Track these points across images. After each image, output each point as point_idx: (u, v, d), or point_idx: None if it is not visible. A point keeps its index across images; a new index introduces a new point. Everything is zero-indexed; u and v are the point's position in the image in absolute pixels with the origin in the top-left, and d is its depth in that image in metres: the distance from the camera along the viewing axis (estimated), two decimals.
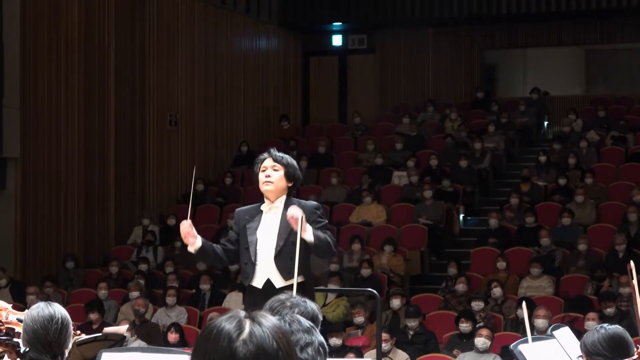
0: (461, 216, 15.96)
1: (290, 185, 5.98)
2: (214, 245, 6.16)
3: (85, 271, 15.18)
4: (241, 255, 6.05)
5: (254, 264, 5.95)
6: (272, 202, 5.98)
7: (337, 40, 21.26)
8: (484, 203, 16.65)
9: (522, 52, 21.01)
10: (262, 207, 6.00)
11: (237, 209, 6.23)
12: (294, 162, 6.04)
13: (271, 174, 5.90)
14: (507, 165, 17.74)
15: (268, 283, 5.92)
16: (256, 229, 5.97)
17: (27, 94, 14.83)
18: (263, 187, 5.95)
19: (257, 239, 5.96)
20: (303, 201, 6.08)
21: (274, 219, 5.94)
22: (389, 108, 20.66)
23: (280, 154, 6.00)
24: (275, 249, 5.90)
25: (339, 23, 20.81)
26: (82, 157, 15.65)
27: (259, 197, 6.12)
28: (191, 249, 6.01)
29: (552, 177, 15.94)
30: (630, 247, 13.41)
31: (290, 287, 5.55)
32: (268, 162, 5.95)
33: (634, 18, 19.18)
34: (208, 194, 17.13)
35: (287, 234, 5.86)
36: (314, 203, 6.08)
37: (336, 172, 16.96)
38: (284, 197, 5.96)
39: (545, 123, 19.59)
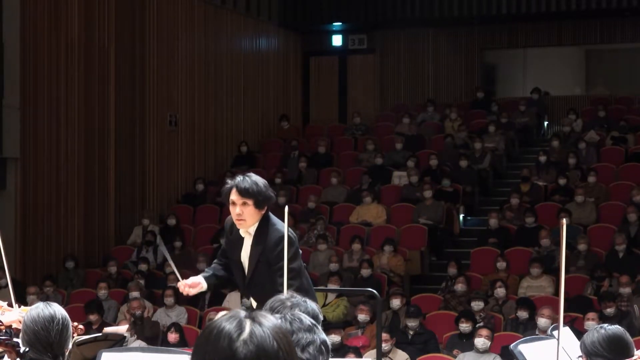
0: (461, 216, 15.95)
1: (263, 211, 5.75)
2: (216, 272, 6.08)
3: (85, 271, 15.17)
4: None
5: (240, 290, 6.06)
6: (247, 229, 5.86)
7: (337, 40, 21.25)
8: (484, 203, 16.64)
9: (522, 52, 21.00)
10: (240, 232, 5.88)
11: (226, 219, 6.06)
12: (262, 185, 5.69)
13: (242, 211, 5.67)
14: (507, 165, 17.74)
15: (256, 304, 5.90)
16: (238, 256, 5.90)
17: (27, 94, 14.81)
18: (237, 224, 5.79)
19: (236, 267, 5.94)
20: (273, 228, 5.72)
21: (247, 247, 5.85)
22: (389, 108, 20.66)
23: (246, 184, 5.66)
24: (246, 279, 5.85)
25: (339, 23, 20.80)
26: (82, 157, 15.64)
27: None
28: (202, 290, 6.14)
29: (552, 177, 15.93)
30: (630, 247, 13.42)
31: None
32: (235, 196, 5.68)
33: (634, 18, 19.18)
34: (208, 194, 17.12)
35: (254, 264, 5.77)
36: (283, 233, 5.30)
37: (336, 172, 16.96)
38: (257, 223, 5.79)
39: (545, 123, 19.58)
